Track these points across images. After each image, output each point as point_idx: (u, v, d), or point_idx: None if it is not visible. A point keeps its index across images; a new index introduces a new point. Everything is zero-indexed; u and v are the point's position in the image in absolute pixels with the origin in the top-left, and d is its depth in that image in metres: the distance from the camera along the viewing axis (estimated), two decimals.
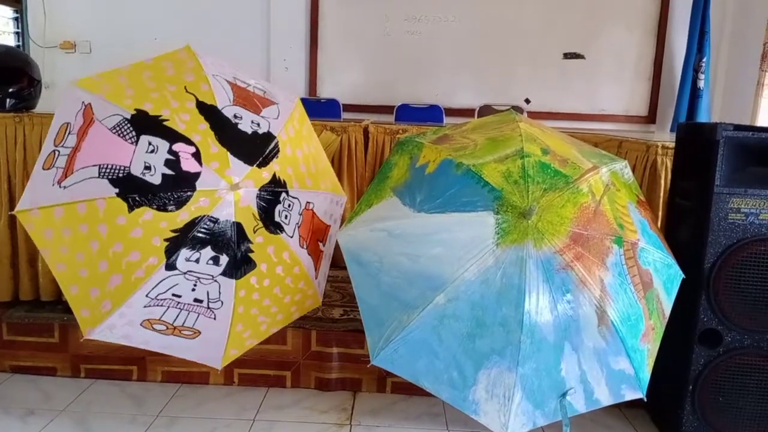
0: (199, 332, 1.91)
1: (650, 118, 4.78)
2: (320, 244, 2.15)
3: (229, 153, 1.84)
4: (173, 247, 1.76)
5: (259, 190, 1.89)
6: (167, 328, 1.88)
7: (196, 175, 1.78)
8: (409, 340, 1.75)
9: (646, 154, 2.44)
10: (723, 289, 2.01)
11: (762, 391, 2.03)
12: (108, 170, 1.74)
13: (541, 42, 4.73)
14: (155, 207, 1.74)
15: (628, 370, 1.79)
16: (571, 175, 1.76)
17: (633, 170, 2.46)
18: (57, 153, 1.81)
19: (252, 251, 1.88)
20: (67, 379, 2.48)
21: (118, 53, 2.15)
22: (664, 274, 1.86)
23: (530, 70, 4.77)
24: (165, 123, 1.81)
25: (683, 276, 1.90)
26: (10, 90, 2.77)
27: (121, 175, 1.74)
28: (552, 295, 1.67)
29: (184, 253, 1.77)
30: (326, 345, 2.46)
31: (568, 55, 4.74)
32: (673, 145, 2.31)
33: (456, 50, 4.77)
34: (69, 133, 1.82)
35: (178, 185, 1.76)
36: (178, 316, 1.86)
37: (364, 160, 2.98)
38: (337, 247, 2.38)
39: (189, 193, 1.76)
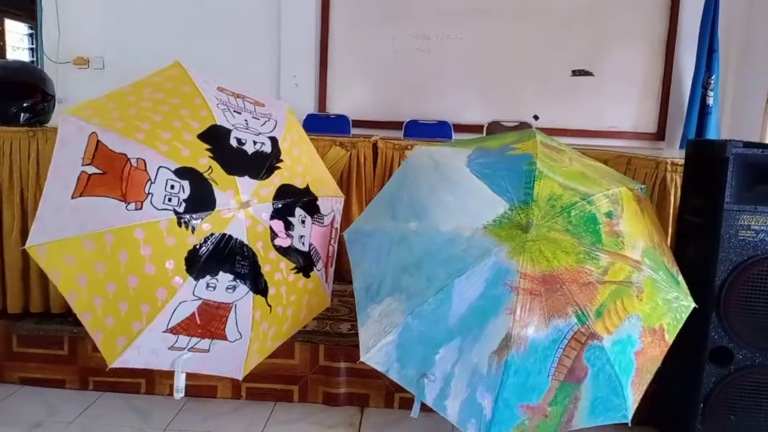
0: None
1: (659, 134, 4.77)
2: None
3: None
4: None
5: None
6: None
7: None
8: (370, 237, 1.90)
9: (656, 171, 2.44)
10: (734, 306, 2.00)
11: None
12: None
13: (550, 59, 4.75)
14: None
15: (486, 412, 1.72)
16: (606, 246, 1.73)
17: None
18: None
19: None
20: (75, 391, 2.49)
21: (131, 69, 2.18)
22: (603, 397, 1.73)
23: (539, 87, 4.79)
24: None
25: (628, 422, 1.76)
26: (24, 105, 2.82)
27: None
28: (482, 296, 1.69)
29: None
30: (334, 359, 2.45)
31: (576, 72, 4.76)
32: (682, 161, 2.31)
33: (464, 67, 4.80)
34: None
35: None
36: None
37: (372, 174, 2.99)
38: (338, 264, 2.40)
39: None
